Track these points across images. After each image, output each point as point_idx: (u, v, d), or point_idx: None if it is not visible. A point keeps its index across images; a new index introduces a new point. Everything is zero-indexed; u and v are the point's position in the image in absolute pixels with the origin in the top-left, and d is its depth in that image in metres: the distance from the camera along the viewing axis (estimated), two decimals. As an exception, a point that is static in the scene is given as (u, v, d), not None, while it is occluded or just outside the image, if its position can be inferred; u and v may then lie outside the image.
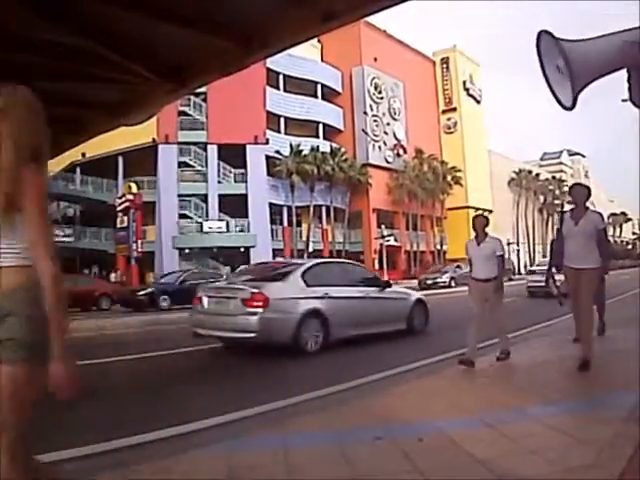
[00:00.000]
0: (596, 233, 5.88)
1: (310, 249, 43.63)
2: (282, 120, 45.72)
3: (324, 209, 47.18)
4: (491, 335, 7.09)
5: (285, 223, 44.64)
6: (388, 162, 52.59)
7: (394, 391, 5.26)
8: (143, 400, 5.76)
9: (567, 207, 76.07)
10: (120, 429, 4.31)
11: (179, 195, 39.92)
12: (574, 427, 3.76)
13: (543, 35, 2.56)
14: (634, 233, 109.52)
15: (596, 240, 5.86)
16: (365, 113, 51.04)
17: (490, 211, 63.48)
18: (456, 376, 5.97)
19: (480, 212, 7.34)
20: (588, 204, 6.16)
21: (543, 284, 25.00)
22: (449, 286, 33.21)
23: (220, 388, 6.30)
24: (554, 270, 6.82)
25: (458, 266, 35.27)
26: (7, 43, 4.00)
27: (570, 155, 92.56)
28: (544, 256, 67.98)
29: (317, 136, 48.17)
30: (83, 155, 36.89)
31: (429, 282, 34.03)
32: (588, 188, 6.34)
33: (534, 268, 28.11)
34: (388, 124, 53.35)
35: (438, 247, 55.38)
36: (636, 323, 8.59)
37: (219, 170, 41.19)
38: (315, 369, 7.41)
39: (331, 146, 47.99)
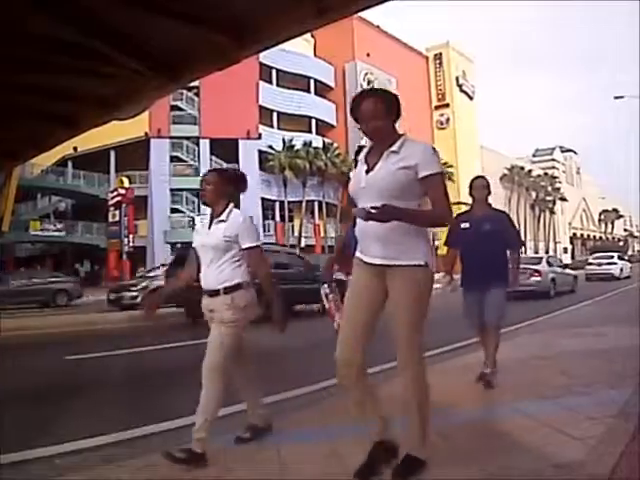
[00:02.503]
0: (418, 186, 2.82)
1: (302, 244, 43.63)
2: (275, 115, 45.68)
3: (316, 204, 47.16)
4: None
5: (277, 218, 44.60)
6: (381, 158, 52.55)
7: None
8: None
9: (559, 204, 74.12)
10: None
11: (171, 189, 39.85)
12: (566, 423, 3.76)
13: None
14: (625, 230, 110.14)
15: (420, 201, 2.88)
16: (358, 108, 51.00)
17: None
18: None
19: (223, 169, 3.12)
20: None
21: (598, 271, 29.80)
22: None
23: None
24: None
25: None
26: (-2, 36, 3.96)
27: (562, 152, 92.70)
28: (547, 251, 68.41)
29: (310, 131, 48.12)
30: (75, 149, 36.76)
31: (112, 297, 20.06)
32: (394, 96, 2.97)
33: (591, 260, 33.75)
34: (381, 120, 53.26)
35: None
36: (631, 320, 8.66)
37: (211, 165, 41.05)
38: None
39: (323, 141, 47.93)
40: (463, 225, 5.30)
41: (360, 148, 3.15)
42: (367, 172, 2.90)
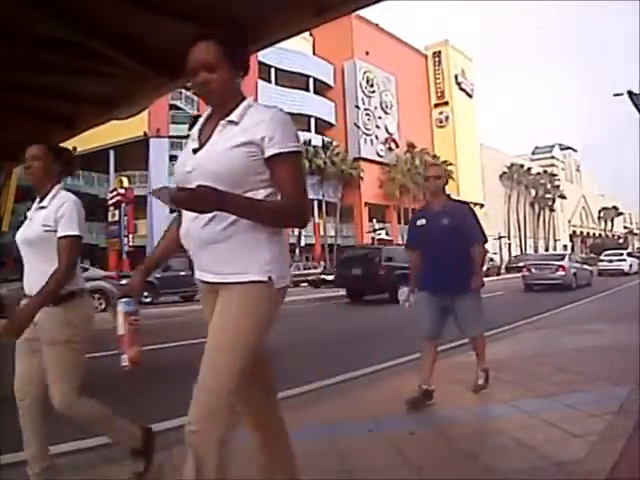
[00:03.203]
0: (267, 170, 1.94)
1: (302, 243, 43.61)
2: (274, 114, 45.62)
3: (316, 203, 47.10)
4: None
5: (277, 217, 44.52)
6: (380, 156, 52.62)
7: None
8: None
9: (558, 202, 74.33)
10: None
11: (171, 189, 39.83)
12: (566, 421, 3.76)
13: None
14: (625, 227, 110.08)
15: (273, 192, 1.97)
16: (357, 107, 51.03)
17: (482, 205, 63.88)
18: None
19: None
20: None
21: (609, 267, 33.72)
22: None
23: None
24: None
25: None
26: (-4, 36, 3.96)
27: (562, 149, 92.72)
28: (536, 250, 68.39)
29: (309, 130, 48.10)
30: (74, 149, 36.18)
31: None
32: (238, 41, 2.05)
33: (603, 257, 36.39)
34: (380, 118, 53.34)
35: (430, 241, 55.37)
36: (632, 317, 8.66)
37: (211, 164, 41.09)
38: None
39: (323, 140, 47.93)
40: (419, 222, 4.71)
41: (195, 119, 2.17)
42: (196, 151, 2.01)
